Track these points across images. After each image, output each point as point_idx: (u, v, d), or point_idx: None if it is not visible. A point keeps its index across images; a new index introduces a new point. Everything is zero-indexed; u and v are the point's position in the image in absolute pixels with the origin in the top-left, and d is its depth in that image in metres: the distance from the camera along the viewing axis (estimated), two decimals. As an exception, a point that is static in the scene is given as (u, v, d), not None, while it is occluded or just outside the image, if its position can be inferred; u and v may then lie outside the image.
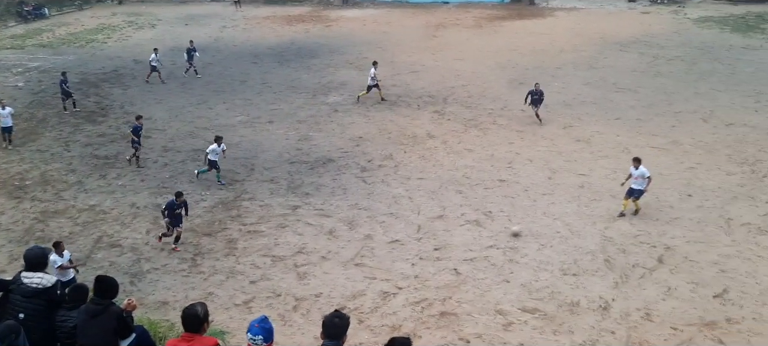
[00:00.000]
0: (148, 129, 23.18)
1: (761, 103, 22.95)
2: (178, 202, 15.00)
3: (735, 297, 12.47)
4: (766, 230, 14.81)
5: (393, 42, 35.54)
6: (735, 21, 36.52)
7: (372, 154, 20.15)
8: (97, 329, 6.24)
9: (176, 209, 14.96)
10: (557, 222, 15.60)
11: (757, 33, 33.45)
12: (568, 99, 24.51)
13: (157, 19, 44.99)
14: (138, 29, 42.03)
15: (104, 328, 6.25)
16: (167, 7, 50.20)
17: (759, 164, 18.17)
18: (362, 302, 12.84)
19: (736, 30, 34.31)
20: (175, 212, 14.94)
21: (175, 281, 13.83)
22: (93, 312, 6.31)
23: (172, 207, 14.95)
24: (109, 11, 49.13)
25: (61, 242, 12.78)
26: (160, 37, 39.33)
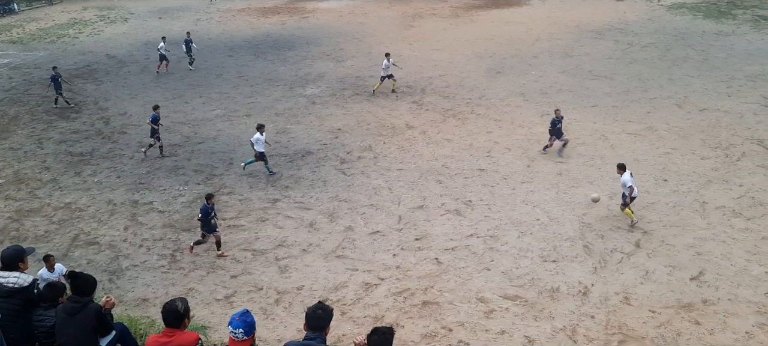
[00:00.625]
0: (123, 125, 22.92)
1: (733, 89, 23.32)
2: (210, 204, 14.01)
3: (711, 279, 12.68)
4: (740, 212, 15.08)
5: (370, 33, 35.44)
6: (707, 7, 37.02)
7: (351, 146, 20.10)
8: (76, 328, 6.16)
9: (211, 214, 13.99)
10: (536, 209, 15.72)
11: (728, 19, 33.95)
12: (544, 87, 24.66)
13: (129, 13, 44.35)
14: (110, 23, 41.39)
15: (83, 326, 6.18)
16: (139, 1, 49.49)
17: (732, 148, 18.47)
18: (344, 294, 12.84)
19: (709, 16, 34.78)
20: (210, 218, 13.98)
21: (154, 278, 13.69)
22: (71, 310, 6.23)
23: (206, 213, 13.92)
24: (80, 6, 48.30)
25: (52, 256, 11.67)
26: (132, 31, 38.80)
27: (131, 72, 29.89)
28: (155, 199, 17.29)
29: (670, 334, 11.22)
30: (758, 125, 19.92)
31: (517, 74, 26.46)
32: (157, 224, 15.98)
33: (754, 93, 22.74)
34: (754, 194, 15.85)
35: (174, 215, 16.34)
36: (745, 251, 13.55)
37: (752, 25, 32.25)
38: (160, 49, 29.27)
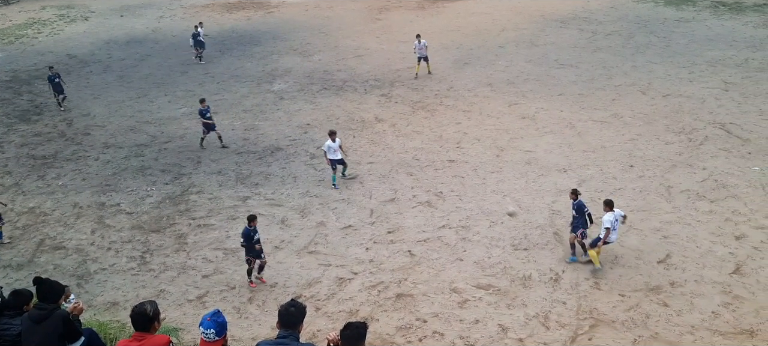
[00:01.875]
0: (87, 126, 22.45)
1: (695, 74, 23.81)
2: (251, 226, 12.71)
3: (677, 261, 12.97)
4: (704, 195, 15.42)
5: (336, 26, 35.25)
6: (667, -5, 37.67)
7: (321, 141, 19.94)
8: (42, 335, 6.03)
9: (254, 237, 12.72)
10: (507, 199, 15.86)
11: (689, 6, 34.60)
12: (511, 77, 24.85)
13: (89, 12, 43.35)
14: (70, 22, 40.41)
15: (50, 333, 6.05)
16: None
17: (695, 133, 18.87)
18: (318, 290, 12.80)
19: (670, 3, 35.40)
20: (253, 243, 12.74)
21: (124, 281, 13.47)
22: (37, 318, 6.10)
23: (249, 237, 12.69)
24: (38, 5, 47.02)
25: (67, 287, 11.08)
26: (93, 29, 37.95)
27: (93, 72, 29.25)
28: (122, 200, 17.00)
29: (639, 316, 11.45)
30: (719, 109, 20.38)
31: (484, 65, 26.61)
32: (125, 225, 15.72)
33: (714, 78, 23.25)
34: (717, 177, 16.22)
35: (142, 216, 16.08)
36: (709, 232, 13.88)
37: (711, 12, 32.93)
38: (199, 36, 29.31)
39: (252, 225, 12.72)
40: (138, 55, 31.26)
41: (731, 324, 11.15)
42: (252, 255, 12.88)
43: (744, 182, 15.87)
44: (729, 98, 21.22)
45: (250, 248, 12.77)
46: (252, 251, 12.81)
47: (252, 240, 12.70)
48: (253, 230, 12.70)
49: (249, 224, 12.74)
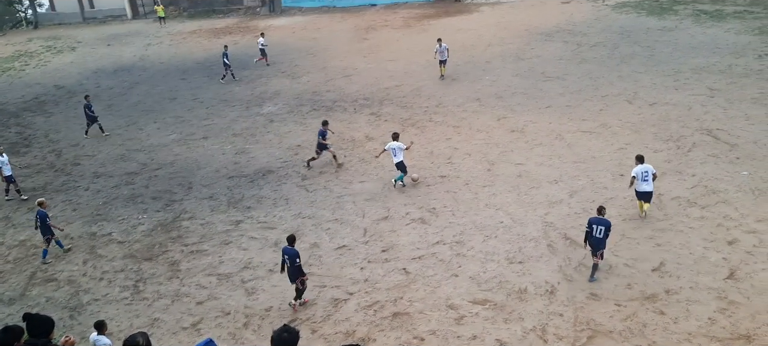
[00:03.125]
0: (77, 156, 22.36)
1: (680, 82, 24.04)
2: (292, 247, 12.48)
3: (672, 269, 13.00)
4: (695, 202, 15.51)
5: (323, 47, 35.41)
6: (650, 5, 38.12)
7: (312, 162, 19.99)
8: (37, 370, 5.95)
9: (296, 259, 12.43)
10: (499, 212, 15.89)
11: (671, 15, 35.03)
12: (499, 91, 25.01)
13: (76, 42, 43.37)
14: (57, 53, 40.38)
15: (44, 368, 5.97)
16: (86, 28, 48.48)
17: (683, 140, 19.01)
18: (314, 312, 12.72)
19: (652, 13, 35.82)
20: (295, 263, 12.44)
21: (117, 311, 13.34)
22: (31, 353, 6.02)
23: (293, 257, 12.43)
24: (24, 37, 47.01)
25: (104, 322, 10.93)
26: (81, 60, 37.94)
27: (82, 102, 29.16)
28: (114, 229, 16.88)
29: (636, 326, 11.45)
30: (706, 116, 20.57)
31: (472, 80, 26.77)
32: (117, 255, 15.60)
33: (700, 85, 23.48)
34: (706, 183, 16.33)
35: (134, 245, 15.97)
36: (702, 239, 13.94)
37: (693, 20, 33.35)
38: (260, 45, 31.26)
39: (293, 245, 12.53)
40: (126, 83, 31.25)
41: (728, 330, 11.16)
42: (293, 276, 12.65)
43: (733, 187, 15.98)
44: (715, 104, 21.43)
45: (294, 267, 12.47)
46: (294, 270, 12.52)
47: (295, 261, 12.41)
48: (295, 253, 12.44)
49: (291, 245, 12.51)
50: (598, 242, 12.76)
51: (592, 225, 12.82)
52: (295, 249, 12.48)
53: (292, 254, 12.42)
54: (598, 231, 12.71)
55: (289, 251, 12.46)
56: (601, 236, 12.69)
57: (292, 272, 12.60)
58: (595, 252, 12.86)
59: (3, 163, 18.76)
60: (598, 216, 12.91)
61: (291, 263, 12.45)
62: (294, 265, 12.43)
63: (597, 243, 12.77)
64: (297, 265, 12.44)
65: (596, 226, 12.72)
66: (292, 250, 12.46)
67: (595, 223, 12.78)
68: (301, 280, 12.63)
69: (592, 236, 12.80)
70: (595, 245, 12.81)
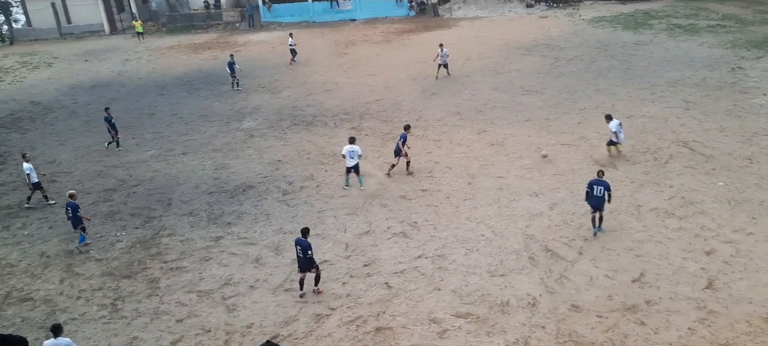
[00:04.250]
0: (53, 173, 22.05)
1: (656, 95, 24.42)
2: (305, 239, 13.23)
3: (651, 279, 13.13)
4: (673, 213, 15.71)
5: (303, 62, 35.41)
6: (625, 19, 38.77)
7: (292, 177, 19.93)
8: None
9: (308, 251, 13.16)
10: (481, 225, 15.94)
11: (646, 29, 35.64)
12: (479, 105, 25.18)
13: (53, 58, 42.87)
14: (33, 69, 39.88)
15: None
16: (63, 44, 47.98)
17: (660, 152, 19.28)
18: (296, 328, 12.63)
19: (628, 28, 36.42)
20: (307, 255, 13.17)
21: (95, 330, 13.12)
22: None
23: (305, 248, 13.15)
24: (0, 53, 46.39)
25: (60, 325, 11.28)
26: (57, 75, 37.51)
27: (58, 118, 28.84)
28: (91, 247, 16.63)
29: (618, 337, 11.53)
30: (682, 128, 20.90)
31: (452, 94, 26.93)
32: (95, 273, 15.36)
33: (675, 98, 23.88)
34: (684, 194, 16.56)
35: (112, 262, 15.75)
36: (680, 249, 14.11)
37: (668, 34, 33.96)
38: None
39: (307, 237, 13.32)
40: (104, 99, 30.90)
41: (708, 339, 11.29)
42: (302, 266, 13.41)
43: (710, 198, 16.22)
44: (690, 117, 21.79)
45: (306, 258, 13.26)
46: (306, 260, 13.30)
47: (307, 253, 13.20)
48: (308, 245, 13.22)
49: (304, 237, 13.28)
50: (598, 201, 14.65)
51: (592, 186, 14.73)
52: (307, 241, 13.21)
53: (305, 245, 13.16)
54: (598, 191, 14.58)
55: (302, 243, 13.20)
56: (600, 196, 14.59)
57: (303, 263, 13.30)
58: (595, 210, 14.77)
59: (30, 170, 19.04)
60: (597, 178, 14.84)
61: (303, 255, 13.18)
62: (306, 256, 13.17)
63: (597, 203, 14.67)
64: (309, 256, 13.17)
65: (596, 186, 14.65)
66: (304, 242, 13.19)
67: (595, 184, 14.70)
68: (316, 268, 13.46)
69: (592, 196, 14.68)
70: (596, 204, 14.71)
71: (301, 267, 13.39)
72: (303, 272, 13.42)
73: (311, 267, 13.35)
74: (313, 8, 49.40)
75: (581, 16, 41.16)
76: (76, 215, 16.51)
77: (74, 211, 16.48)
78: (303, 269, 13.39)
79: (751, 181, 16.94)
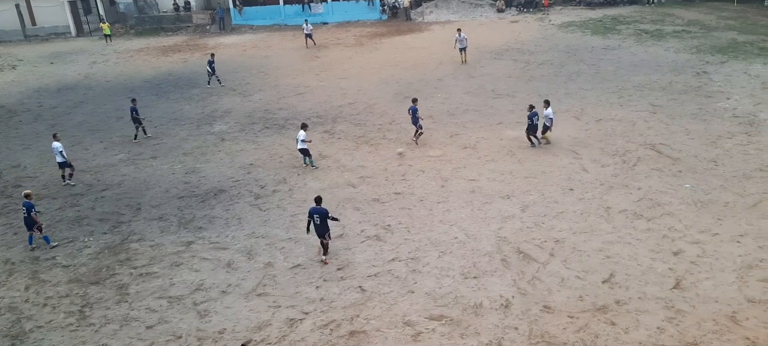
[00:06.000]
0: (18, 178, 21.55)
1: (624, 99, 24.84)
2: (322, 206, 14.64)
3: (621, 280, 13.33)
4: (641, 214, 15.97)
5: (275, 66, 35.23)
6: (594, 24, 39.39)
7: (265, 180, 19.78)
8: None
9: (327, 216, 14.58)
10: (454, 228, 16.01)
11: (614, 34, 36.25)
12: (451, 108, 25.32)
13: (17, 60, 41.94)
14: (-4, 71, 38.94)
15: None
16: (27, 46, 46.98)
17: (628, 154, 19.61)
18: (269, 333, 12.52)
19: (596, 33, 37.00)
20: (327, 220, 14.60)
21: (62, 338, 12.83)
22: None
23: (324, 214, 14.55)
24: (-39, 54, 45.17)
25: None
26: (22, 78, 36.70)
27: (23, 121, 28.21)
28: (58, 253, 16.28)
29: (589, 337, 11.67)
30: (649, 131, 21.28)
31: (424, 97, 27.00)
32: (61, 279, 15.03)
33: (642, 101, 24.32)
34: (652, 196, 16.85)
35: (80, 269, 15.43)
36: (649, 250, 14.35)
37: (635, 39, 34.59)
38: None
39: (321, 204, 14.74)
40: (70, 102, 30.36)
41: (676, 338, 11.49)
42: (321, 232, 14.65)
43: (677, 200, 16.54)
44: (657, 120, 22.22)
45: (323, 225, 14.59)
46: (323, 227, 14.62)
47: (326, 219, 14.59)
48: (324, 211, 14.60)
49: (318, 204, 14.70)
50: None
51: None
52: (324, 208, 14.62)
53: (324, 212, 14.52)
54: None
55: (320, 210, 14.50)
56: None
57: (321, 228, 14.50)
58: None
59: (56, 150, 20.17)
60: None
61: (322, 221, 14.45)
62: (324, 222, 14.49)
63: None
64: (327, 221, 14.55)
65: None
66: (322, 209, 14.55)
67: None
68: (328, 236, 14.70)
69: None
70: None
71: (320, 233, 14.60)
72: (321, 237, 14.65)
73: (325, 233, 14.55)
74: (285, 11, 49.19)
75: (551, 21, 41.69)
76: (30, 216, 16.35)
77: (28, 211, 16.33)
78: (321, 235, 14.62)
79: (716, 183, 17.32)
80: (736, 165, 18.27)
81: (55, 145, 20.29)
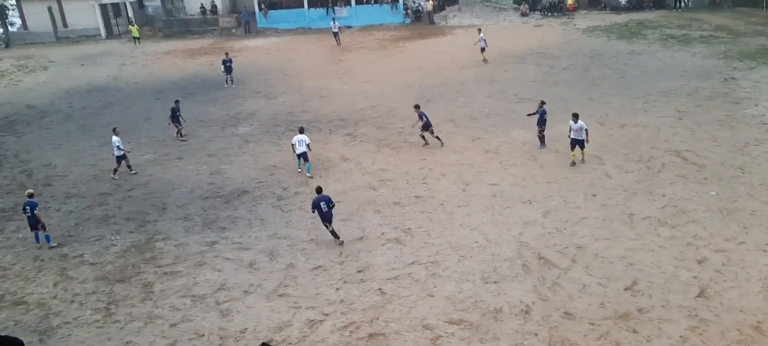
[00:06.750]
0: (48, 176, 22.04)
1: (649, 104, 24.60)
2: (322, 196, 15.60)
3: (644, 288, 13.21)
4: (665, 221, 15.81)
5: (299, 69, 35.53)
6: (619, 29, 39.05)
7: (287, 182, 19.98)
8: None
9: (330, 201, 15.59)
10: (474, 232, 16.01)
11: (639, 39, 35.90)
12: (473, 112, 25.31)
13: (49, 62, 42.88)
14: (29, 73, 39.86)
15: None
16: (59, 48, 47.99)
17: (653, 161, 19.42)
18: (289, 333, 12.66)
19: (621, 37, 36.68)
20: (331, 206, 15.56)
21: (88, 334, 13.11)
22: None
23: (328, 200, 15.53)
24: (-6, 56, 46.34)
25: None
26: (53, 79, 37.52)
27: (54, 121, 28.84)
28: (86, 251, 16.63)
29: (610, 344, 11.59)
30: (674, 137, 21.06)
31: (446, 101, 27.07)
32: (88, 277, 15.35)
33: (668, 107, 24.06)
34: (676, 203, 16.67)
35: (107, 266, 15.75)
36: (672, 258, 14.20)
37: (661, 44, 34.22)
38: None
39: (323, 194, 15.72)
40: (99, 103, 30.96)
41: (698, 347, 11.37)
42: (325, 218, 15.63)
43: (702, 207, 16.34)
44: (683, 126, 21.96)
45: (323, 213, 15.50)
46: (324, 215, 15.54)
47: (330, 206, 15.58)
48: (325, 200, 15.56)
49: (320, 194, 15.69)
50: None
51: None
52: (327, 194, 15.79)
53: (327, 197, 15.64)
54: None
55: (325, 197, 15.58)
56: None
57: (329, 215, 15.57)
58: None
59: (117, 144, 20.94)
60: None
61: (328, 207, 15.47)
62: (330, 209, 15.54)
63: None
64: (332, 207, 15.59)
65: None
66: (326, 196, 15.69)
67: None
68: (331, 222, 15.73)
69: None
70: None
71: (329, 219, 15.59)
72: (330, 223, 15.65)
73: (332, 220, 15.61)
74: (309, 15, 49.56)
75: (576, 25, 41.43)
76: (33, 215, 16.63)
77: (32, 209, 16.61)
78: (330, 221, 15.62)
79: (743, 190, 17.08)
80: (763, 173, 17.99)
81: (115, 139, 20.98)
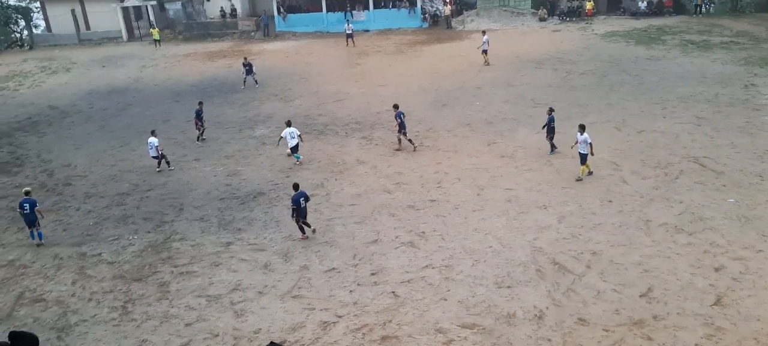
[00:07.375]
0: (68, 176, 22.36)
1: (668, 110, 24.39)
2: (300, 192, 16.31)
3: (659, 295, 13.11)
4: (682, 228, 15.67)
5: (316, 72, 35.71)
6: (638, 34, 38.75)
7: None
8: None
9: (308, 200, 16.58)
10: (489, 237, 15.99)
11: (659, 44, 35.60)
12: (489, 117, 25.27)
13: (71, 63, 43.53)
14: (52, 74, 40.50)
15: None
16: (81, 50, 48.69)
17: (670, 167, 19.25)
18: (302, 334, 12.73)
19: (640, 43, 36.40)
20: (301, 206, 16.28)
21: (105, 332, 13.30)
22: (18, 370, 6.07)
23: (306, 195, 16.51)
24: (19, 57, 47.16)
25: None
26: (75, 80, 38.07)
27: (75, 122, 29.27)
28: (104, 250, 16.86)
29: (623, 351, 11.52)
30: (693, 144, 20.86)
31: (463, 105, 27.05)
32: (106, 275, 15.57)
33: (686, 113, 23.84)
34: (693, 210, 16.52)
35: (124, 266, 15.96)
36: (689, 265, 14.08)
37: (681, 50, 33.91)
38: (348, 30, 36.52)
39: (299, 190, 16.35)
40: (120, 104, 31.35)
41: (713, 355, 11.26)
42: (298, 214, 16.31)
43: (720, 214, 16.18)
44: (701, 133, 21.75)
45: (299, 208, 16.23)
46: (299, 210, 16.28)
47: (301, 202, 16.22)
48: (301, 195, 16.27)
49: (296, 190, 16.33)
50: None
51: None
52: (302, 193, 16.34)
53: (305, 193, 16.46)
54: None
55: (304, 193, 16.38)
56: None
57: (305, 210, 16.41)
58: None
59: (152, 145, 21.70)
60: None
61: (306, 202, 16.38)
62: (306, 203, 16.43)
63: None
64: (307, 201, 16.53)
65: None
66: (303, 192, 16.42)
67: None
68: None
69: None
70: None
71: (305, 215, 16.36)
72: (305, 218, 16.41)
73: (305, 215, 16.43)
74: (328, 19, 49.80)
75: (594, 30, 41.20)
76: (33, 212, 16.87)
77: (32, 207, 16.88)
78: (305, 216, 16.38)
79: (762, 198, 16.87)
80: (783, 180, 17.78)
81: (153, 140, 21.64)
